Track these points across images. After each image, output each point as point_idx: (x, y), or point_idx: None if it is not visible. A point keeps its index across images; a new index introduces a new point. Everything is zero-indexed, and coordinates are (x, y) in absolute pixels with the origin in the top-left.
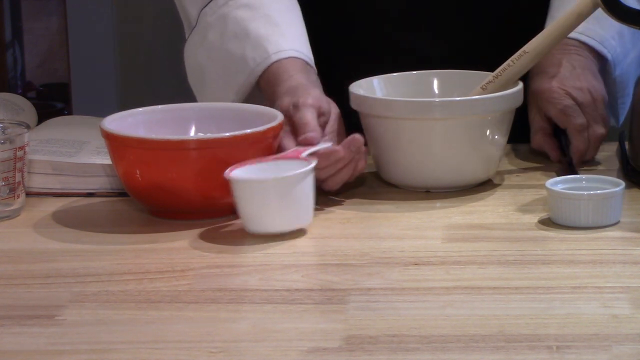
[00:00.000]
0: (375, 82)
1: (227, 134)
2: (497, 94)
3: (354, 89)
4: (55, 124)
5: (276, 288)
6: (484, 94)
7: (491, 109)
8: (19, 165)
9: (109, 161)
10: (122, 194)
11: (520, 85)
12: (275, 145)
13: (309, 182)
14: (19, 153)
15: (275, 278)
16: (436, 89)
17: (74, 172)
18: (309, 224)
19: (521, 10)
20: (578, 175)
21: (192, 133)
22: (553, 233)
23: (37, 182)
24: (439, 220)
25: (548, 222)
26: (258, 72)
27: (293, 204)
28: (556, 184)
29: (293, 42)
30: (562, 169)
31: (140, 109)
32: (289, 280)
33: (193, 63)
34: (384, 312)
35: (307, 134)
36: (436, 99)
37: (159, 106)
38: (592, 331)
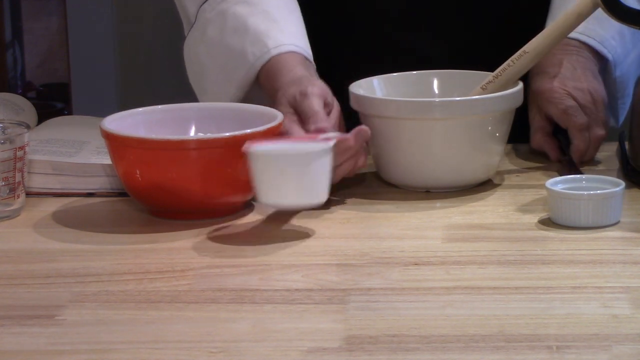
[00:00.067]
0: (375, 82)
1: (227, 134)
2: (497, 94)
3: (354, 89)
4: (55, 124)
5: (276, 288)
6: (484, 94)
7: (491, 109)
8: (19, 165)
9: (109, 161)
10: (122, 194)
11: (520, 85)
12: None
13: (327, 160)
14: (19, 153)
15: (275, 278)
16: (436, 89)
17: (74, 172)
18: (322, 203)
19: (521, 10)
20: (578, 175)
21: (192, 133)
22: (553, 233)
23: (37, 182)
24: (439, 220)
25: (548, 222)
26: (258, 67)
27: (310, 180)
28: (556, 184)
29: (292, 37)
30: (563, 168)
31: (140, 109)
32: (289, 280)
33: (193, 60)
34: (384, 312)
35: (319, 123)
36: (436, 99)
37: (159, 106)
38: (592, 331)
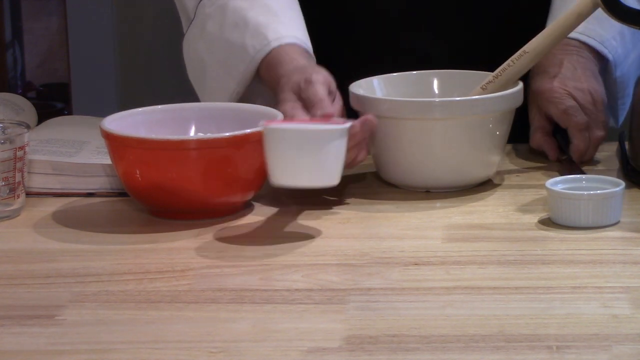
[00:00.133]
0: (375, 82)
1: (227, 134)
2: (497, 94)
3: (354, 89)
4: (55, 124)
5: (276, 288)
6: (484, 94)
7: (491, 109)
8: (19, 165)
9: (109, 161)
10: (122, 194)
11: (520, 85)
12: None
13: (343, 142)
14: (19, 153)
15: (275, 278)
16: (436, 89)
17: (74, 172)
18: (334, 185)
19: (521, 10)
20: (578, 175)
21: (192, 133)
22: (553, 233)
23: (37, 182)
24: (439, 220)
25: (548, 222)
26: (258, 59)
27: (325, 160)
28: (556, 184)
29: (293, 29)
30: (564, 168)
31: (140, 109)
32: (289, 280)
33: (192, 56)
34: (384, 312)
35: (325, 109)
36: (436, 99)
37: (159, 106)
38: (592, 331)
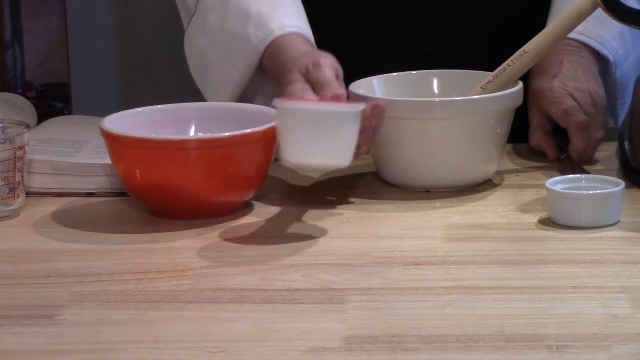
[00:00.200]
0: (375, 82)
1: (227, 134)
2: (497, 94)
3: (354, 89)
4: (55, 124)
5: (276, 288)
6: (484, 94)
7: (491, 109)
8: (19, 165)
9: (109, 161)
10: (122, 194)
11: (520, 85)
12: (275, 146)
13: (357, 124)
14: (19, 153)
15: (275, 278)
16: (436, 89)
17: (74, 172)
18: (346, 166)
19: (521, 10)
20: (578, 175)
21: (192, 133)
22: (553, 233)
23: (37, 182)
24: (439, 220)
25: (548, 222)
26: (261, 49)
27: (338, 140)
28: (556, 184)
29: (296, 20)
30: (564, 167)
31: (140, 109)
32: (289, 280)
33: (194, 51)
34: (384, 312)
35: (335, 91)
36: (436, 99)
37: (159, 106)
38: (592, 331)
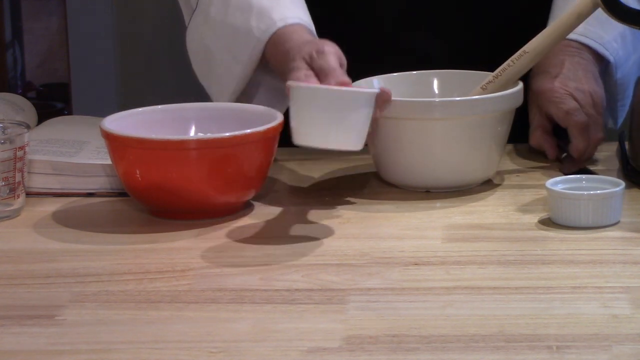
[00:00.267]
0: (375, 82)
1: (227, 134)
2: (497, 94)
3: None
4: (55, 124)
5: (276, 288)
6: (484, 94)
7: (491, 109)
8: (19, 165)
9: (109, 161)
10: (122, 194)
11: (520, 85)
12: (275, 146)
13: (371, 107)
14: (19, 153)
15: (275, 278)
16: (436, 89)
17: (74, 172)
18: (357, 149)
19: (521, 10)
20: (578, 175)
21: (192, 133)
22: (553, 233)
23: (37, 182)
24: (439, 220)
25: (548, 222)
26: (264, 40)
27: (352, 123)
28: (556, 184)
29: (297, 12)
30: (564, 166)
31: (140, 109)
32: (289, 280)
33: (197, 46)
34: (384, 312)
35: (339, 78)
36: (436, 99)
37: (159, 106)
38: (592, 331)
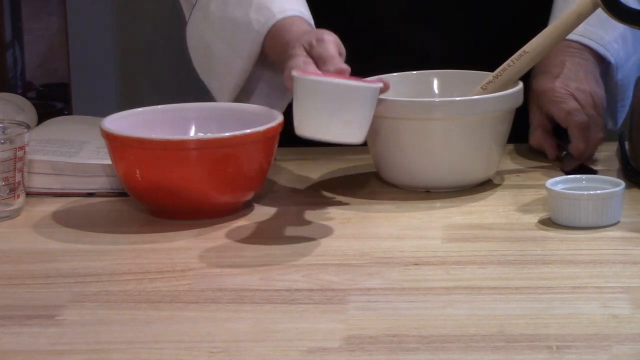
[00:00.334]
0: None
1: (227, 134)
2: (497, 94)
3: None
4: (55, 123)
5: (276, 288)
6: (484, 94)
7: (491, 109)
8: (19, 165)
9: (109, 161)
10: (122, 194)
11: (520, 85)
12: (275, 146)
13: (374, 100)
14: (19, 153)
15: (275, 278)
16: (436, 89)
17: (74, 172)
18: (359, 143)
19: (522, 10)
20: (578, 176)
21: (192, 133)
22: (553, 233)
23: (37, 182)
24: (439, 220)
25: (548, 222)
26: (263, 32)
27: (355, 116)
28: (556, 184)
29: (296, 4)
30: (564, 165)
31: (140, 109)
32: (289, 280)
33: (197, 41)
34: (384, 312)
35: (338, 65)
36: (436, 99)
37: (159, 106)
38: (592, 331)
